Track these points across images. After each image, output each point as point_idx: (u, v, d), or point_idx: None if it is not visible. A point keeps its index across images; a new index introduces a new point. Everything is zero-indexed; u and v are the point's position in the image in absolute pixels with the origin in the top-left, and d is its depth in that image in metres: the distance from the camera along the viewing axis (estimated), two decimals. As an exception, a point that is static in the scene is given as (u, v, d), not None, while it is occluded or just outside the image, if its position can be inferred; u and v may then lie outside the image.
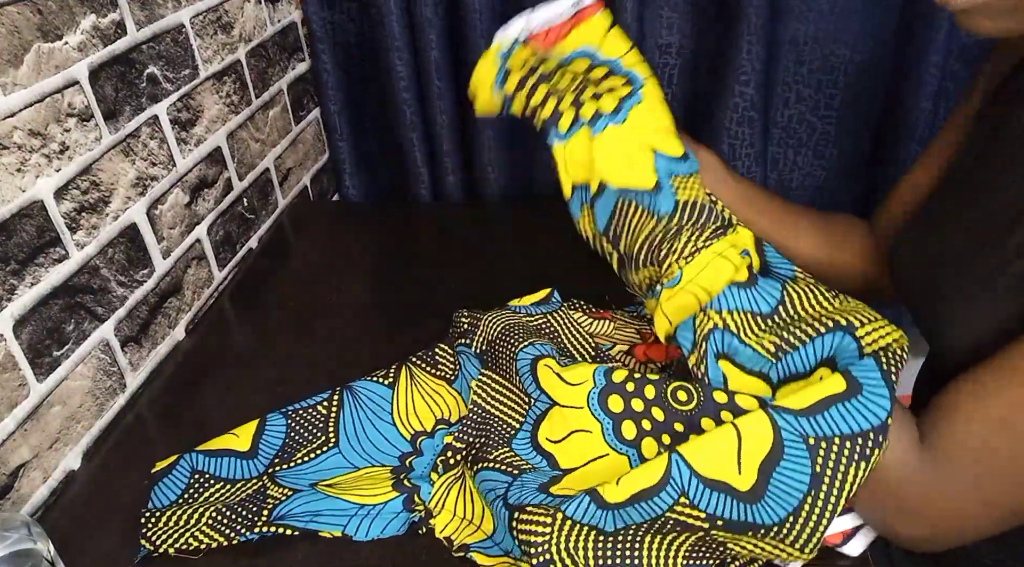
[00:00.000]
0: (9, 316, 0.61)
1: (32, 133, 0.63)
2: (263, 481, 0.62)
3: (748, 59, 1.00)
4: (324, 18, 1.11)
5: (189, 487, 0.62)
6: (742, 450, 0.47)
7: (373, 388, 0.71)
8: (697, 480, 0.48)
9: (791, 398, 0.47)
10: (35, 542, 0.47)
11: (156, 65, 0.79)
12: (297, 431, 0.67)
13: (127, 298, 0.76)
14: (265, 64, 1.02)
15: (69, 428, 0.68)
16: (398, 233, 1.06)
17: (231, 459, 0.65)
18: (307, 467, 0.65)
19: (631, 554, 0.50)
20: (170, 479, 0.63)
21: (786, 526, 0.47)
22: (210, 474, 0.64)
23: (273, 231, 1.05)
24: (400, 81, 1.10)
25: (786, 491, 0.47)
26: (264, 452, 0.66)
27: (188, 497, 0.62)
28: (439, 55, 1.07)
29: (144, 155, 0.78)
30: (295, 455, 0.66)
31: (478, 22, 1.04)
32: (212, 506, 0.59)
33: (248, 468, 0.64)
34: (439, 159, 1.17)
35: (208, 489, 0.62)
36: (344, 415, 0.69)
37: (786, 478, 0.47)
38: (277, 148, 1.07)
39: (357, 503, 0.60)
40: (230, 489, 0.62)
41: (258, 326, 0.87)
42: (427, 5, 1.03)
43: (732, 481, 0.47)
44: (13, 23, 0.61)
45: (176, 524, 0.58)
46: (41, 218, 0.65)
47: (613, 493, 0.50)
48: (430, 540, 0.58)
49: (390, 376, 0.72)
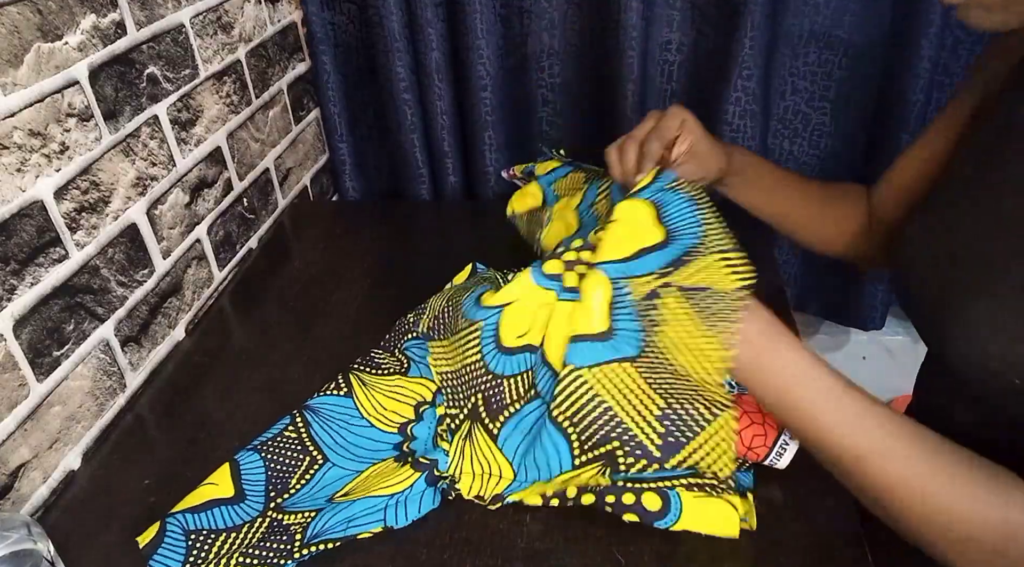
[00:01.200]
0: (9, 316, 0.61)
1: (32, 133, 0.63)
2: (270, 516, 0.60)
3: (751, 54, 1.00)
4: (324, 19, 1.11)
5: (191, 550, 0.57)
6: (637, 224, 0.58)
7: (331, 401, 0.70)
8: (624, 263, 0.56)
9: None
10: (35, 542, 0.47)
11: (156, 65, 0.79)
12: (276, 461, 0.65)
13: (127, 298, 0.76)
14: (265, 64, 1.02)
15: (69, 428, 0.68)
16: (398, 233, 1.06)
17: (222, 508, 0.61)
18: (310, 488, 0.62)
19: (664, 359, 0.55)
20: (166, 549, 0.58)
21: (706, 232, 0.57)
22: (208, 530, 0.59)
23: (273, 231, 1.05)
24: (400, 82, 1.10)
25: (682, 217, 0.58)
26: (252, 491, 0.62)
27: (195, 559, 0.57)
28: (439, 56, 1.07)
29: (144, 155, 0.78)
30: (289, 484, 0.63)
31: (478, 23, 1.04)
32: (233, 555, 0.56)
33: (244, 511, 0.61)
34: (439, 160, 1.17)
35: (215, 544, 0.58)
36: (315, 432, 0.67)
37: (674, 212, 0.59)
38: (277, 148, 1.07)
39: (387, 495, 0.60)
40: (237, 537, 0.58)
41: (258, 326, 0.87)
42: (427, 6, 1.03)
43: (646, 243, 0.57)
44: (13, 23, 0.61)
45: None
46: (41, 218, 0.65)
47: (598, 324, 0.56)
48: (430, 538, 0.58)
49: (342, 387, 0.71)
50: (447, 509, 0.60)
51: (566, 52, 1.10)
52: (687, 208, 0.59)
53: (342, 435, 0.67)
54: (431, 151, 1.17)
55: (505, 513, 0.59)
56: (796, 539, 0.56)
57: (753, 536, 0.56)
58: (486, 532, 0.58)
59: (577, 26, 1.07)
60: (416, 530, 0.59)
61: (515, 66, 1.11)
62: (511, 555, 0.56)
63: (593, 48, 1.07)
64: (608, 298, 0.56)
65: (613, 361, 0.55)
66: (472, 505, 0.60)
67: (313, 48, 1.12)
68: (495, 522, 0.59)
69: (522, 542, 0.57)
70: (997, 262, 0.53)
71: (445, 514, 0.60)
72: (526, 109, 1.16)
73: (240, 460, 0.65)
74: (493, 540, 0.57)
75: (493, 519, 0.59)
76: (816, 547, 0.55)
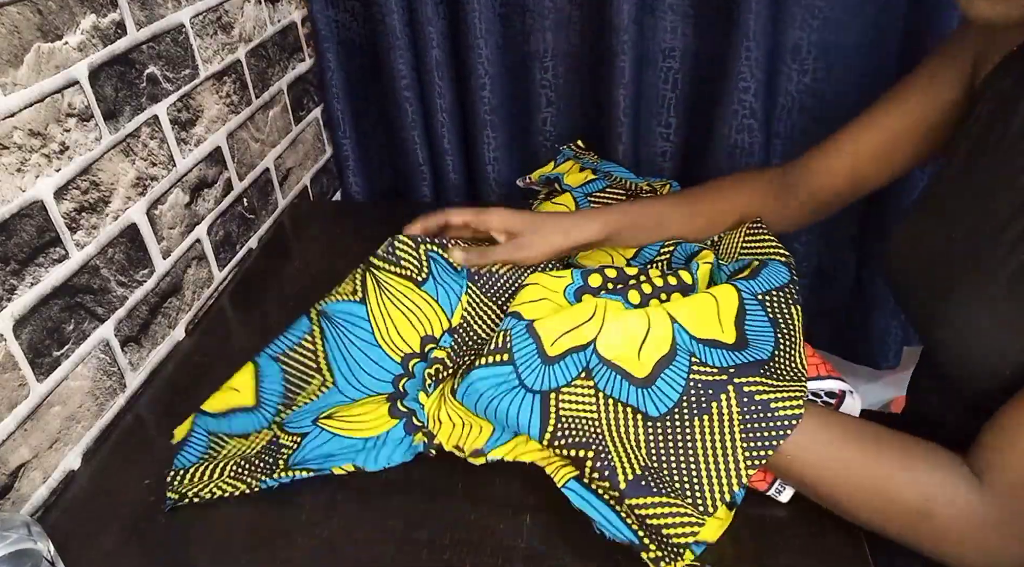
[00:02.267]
0: (9, 316, 0.61)
1: (32, 133, 0.63)
2: (273, 430, 0.65)
3: (747, 66, 0.99)
4: (328, 16, 1.11)
5: (208, 447, 0.66)
6: (720, 312, 0.61)
7: (347, 309, 0.70)
8: (696, 341, 0.59)
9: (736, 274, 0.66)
10: (35, 542, 0.47)
11: (156, 65, 0.79)
12: (292, 373, 0.69)
13: (127, 298, 0.76)
14: (265, 64, 1.02)
15: (69, 428, 0.68)
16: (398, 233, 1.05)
17: (241, 415, 0.67)
18: (309, 408, 0.67)
19: (683, 439, 0.56)
20: (190, 444, 0.66)
21: (775, 355, 0.59)
22: (225, 433, 0.66)
23: (273, 231, 1.05)
24: (401, 79, 1.10)
25: (759, 334, 0.60)
26: (267, 401, 0.68)
27: (205, 456, 0.65)
28: (440, 54, 1.07)
29: (144, 155, 0.78)
30: (296, 399, 0.68)
31: (477, 21, 1.04)
32: (231, 460, 0.63)
33: (257, 420, 0.67)
34: (440, 157, 1.17)
35: (225, 446, 0.65)
36: (329, 347, 0.70)
37: (755, 326, 0.61)
38: (277, 148, 1.07)
39: (362, 438, 0.63)
40: (244, 443, 0.65)
41: (258, 326, 0.87)
42: (427, 3, 1.03)
43: (719, 337, 0.59)
44: (13, 23, 0.61)
45: (201, 478, 0.62)
46: (41, 218, 0.65)
47: (638, 367, 0.58)
48: (430, 538, 0.58)
49: (358, 291, 0.71)
50: (447, 509, 0.60)
51: (568, 52, 1.09)
52: (767, 328, 0.61)
53: (351, 353, 0.69)
54: (432, 149, 1.18)
55: (505, 513, 0.59)
56: (796, 538, 0.56)
57: (754, 534, 0.56)
58: (486, 532, 0.58)
59: (579, 26, 1.07)
60: (416, 530, 0.59)
61: (516, 65, 1.11)
62: (511, 555, 0.56)
63: (593, 50, 1.07)
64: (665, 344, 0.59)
65: (628, 406, 0.57)
66: (472, 505, 0.60)
67: (318, 46, 1.13)
68: (495, 522, 0.59)
69: (522, 542, 0.57)
70: (988, 256, 0.53)
71: (445, 514, 0.60)
72: (527, 109, 1.15)
73: (263, 367, 0.70)
74: (493, 540, 0.57)
75: (493, 519, 0.59)
76: (816, 545, 0.56)
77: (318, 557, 0.57)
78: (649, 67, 1.06)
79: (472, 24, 1.04)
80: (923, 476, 0.50)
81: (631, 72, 1.03)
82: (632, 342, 0.58)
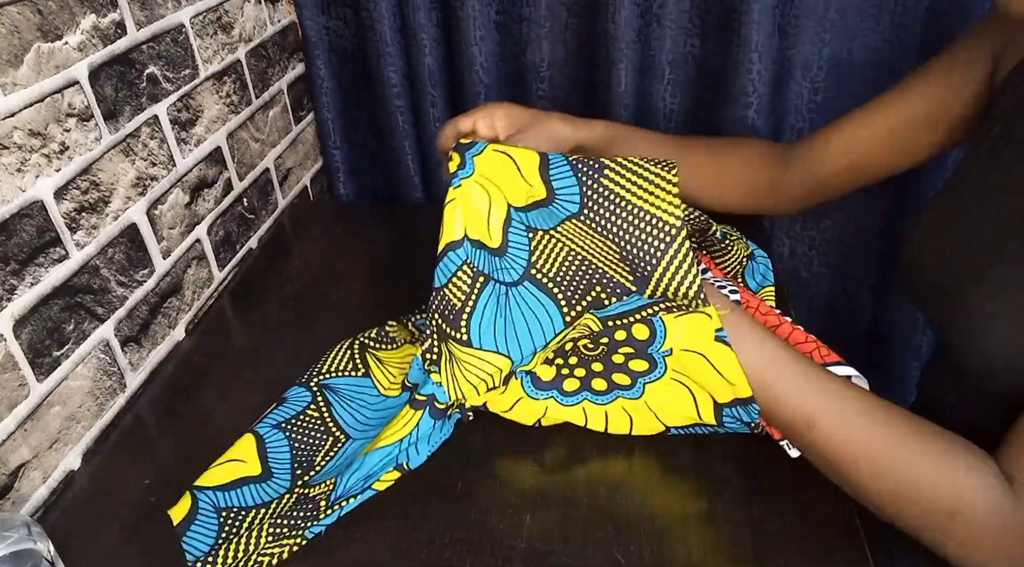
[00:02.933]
0: (9, 316, 0.61)
1: (32, 133, 0.63)
2: (297, 492, 0.61)
3: (751, 80, 0.96)
4: (320, 23, 1.08)
5: (223, 527, 0.60)
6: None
7: (351, 382, 0.72)
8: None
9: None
10: (35, 542, 0.47)
11: (156, 65, 0.79)
12: (301, 441, 0.67)
13: (127, 298, 0.76)
14: (265, 64, 1.02)
15: (69, 428, 0.68)
16: (398, 233, 1.06)
17: (251, 487, 0.63)
18: (334, 463, 0.65)
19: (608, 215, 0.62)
20: (199, 526, 0.60)
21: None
22: (239, 507, 0.61)
23: (273, 231, 1.05)
24: (392, 87, 1.08)
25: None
26: (279, 470, 0.64)
27: (227, 535, 0.59)
28: (432, 62, 1.05)
29: (144, 155, 0.78)
30: (314, 461, 0.65)
31: (472, 29, 1.01)
32: (263, 525, 0.58)
33: (272, 489, 0.63)
34: (432, 168, 1.14)
35: (245, 520, 0.60)
36: (337, 412, 0.69)
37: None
38: (277, 148, 1.07)
39: (395, 442, 0.62)
40: (266, 512, 0.60)
41: (258, 326, 0.87)
42: (419, 9, 1.01)
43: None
44: (13, 23, 0.61)
45: (236, 555, 0.56)
46: (41, 218, 0.65)
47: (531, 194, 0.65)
48: (430, 538, 0.58)
49: (359, 368, 0.73)
50: (447, 509, 0.60)
51: (566, 62, 1.06)
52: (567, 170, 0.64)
53: (363, 413, 0.69)
54: (424, 159, 1.15)
55: (505, 513, 0.59)
56: (795, 536, 0.56)
57: (753, 533, 0.56)
58: (486, 532, 0.58)
59: (576, 35, 1.04)
60: (416, 530, 0.59)
61: (513, 74, 1.08)
62: (511, 555, 0.56)
63: (591, 59, 1.04)
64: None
65: (564, 219, 0.62)
66: (472, 505, 0.60)
67: (308, 53, 1.10)
68: (495, 522, 0.59)
69: (522, 542, 0.57)
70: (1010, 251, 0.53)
71: (445, 514, 0.60)
72: None
73: (266, 437, 0.67)
74: (493, 540, 0.57)
75: (493, 519, 0.59)
76: (815, 543, 0.55)
77: (317, 556, 0.57)
78: (648, 78, 1.03)
79: (467, 32, 1.02)
80: (960, 477, 0.49)
81: (629, 82, 1.00)
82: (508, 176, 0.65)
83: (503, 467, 0.64)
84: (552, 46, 1.05)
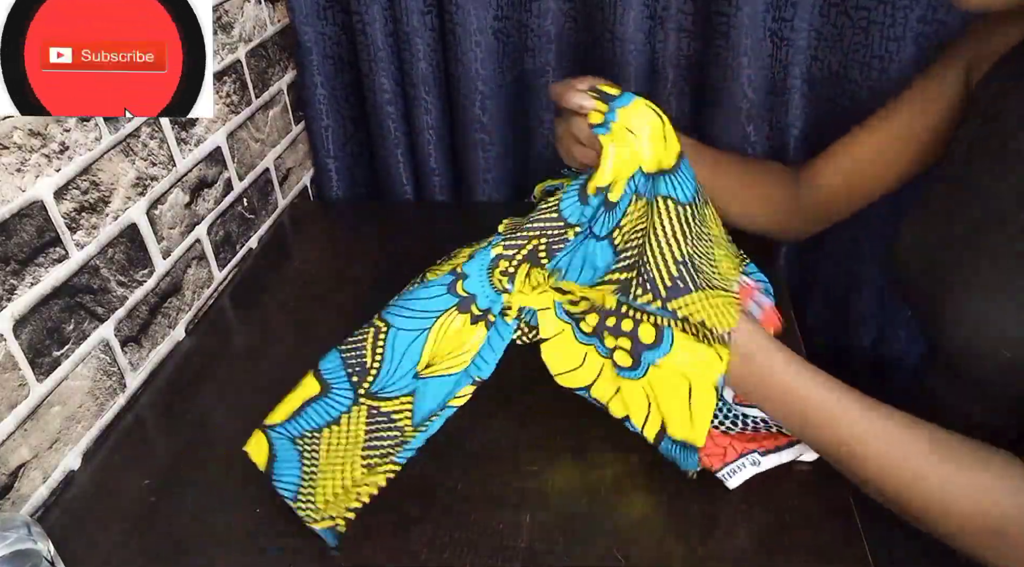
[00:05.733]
0: (9, 316, 0.61)
1: (32, 133, 0.63)
2: (365, 404, 0.61)
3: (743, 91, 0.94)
4: (313, 29, 1.05)
5: (302, 456, 0.59)
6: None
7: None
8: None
9: None
10: (35, 542, 0.47)
11: (156, 65, 0.79)
12: (347, 345, 0.64)
13: (127, 298, 0.76)
14: (265, 64, 1.02)
15: (69, 428, 0.68)
16: (399, 233, 1.06)
17: (314, 405, 0.62)
18: (389, 364, 0.62)
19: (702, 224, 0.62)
20: (281, 462, 0.60)
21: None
22: (311, 429, 0.61)
23: (273, 231, 1.05)
24: (383, 93, 1.05)
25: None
26: (335, 380, 0.63)
27: (309, 465, 0.59)
28: (426, 67, 1.02)
29: (144, 155, 0.78)
30: (365, 362, 0.63)
31: (468, 32, 0.99)
32: (348, 461, 0.59)
33: (335, 402, 0.62)
34: (425, 177, 1.12)
35: (320, 443, 0.60)
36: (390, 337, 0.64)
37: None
38: (277, 148, 1.07)
39: (463, 368, 0.61)
40: (339, 429, 0.60)
41: (258, 326, 0.87)
42: (413, 13, 0.98)
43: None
44: (13, 23, 0.61)
45: (337, 493, 0.57)
46: (41, 218, 0.65)
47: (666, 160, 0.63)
48: (429, 537, 0.58)
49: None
50: (447, 509, 0.60)
51: (565, 69, 1.03)
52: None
53: (401, 298, 0.65)
54: (416, 168, 1.12)
55: (505, 513, 0.59)
56: (795, 536, 0.56)
57: (753, 534, 0.56)
58: (486, 532, 0.58)
59: (574, 40, 1.02)
60: (416, 530, 0.59)
61: (512, 81, 1.06)
62: (511, 555, 0.56)
63: (592, 63, 1.02)
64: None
65: (666, 197, 0.61)
66: (472, 505, 0.60)
67: (302, 60, 1.07)
68: (495, 522, 0.59)
69: (522, 542, 0.57)
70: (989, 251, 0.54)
71: (445, 514, 0.60)
72: (524, 128, 1.10)
73: (319, 363, 0.64)
74: (493, 540, 0.57)
75: (493, 519, 0.59)
76: (815, 543, 0.56)
77: (316, 556, 0.57)
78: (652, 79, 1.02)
79: (463, 36, 0.99)
80: (1007, 497, 0.48)
81: (632, 87, 0.98)
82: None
83: (503, 467, 0.64)
84: (551, 52, 1.02)
